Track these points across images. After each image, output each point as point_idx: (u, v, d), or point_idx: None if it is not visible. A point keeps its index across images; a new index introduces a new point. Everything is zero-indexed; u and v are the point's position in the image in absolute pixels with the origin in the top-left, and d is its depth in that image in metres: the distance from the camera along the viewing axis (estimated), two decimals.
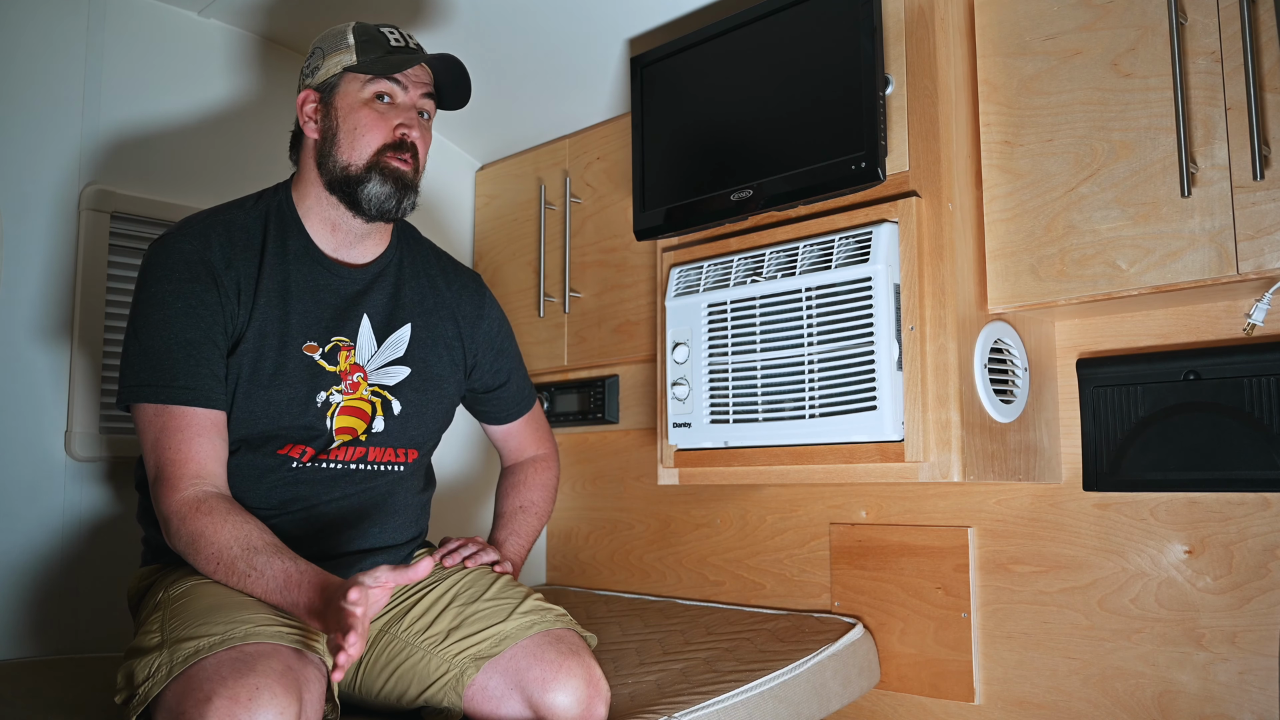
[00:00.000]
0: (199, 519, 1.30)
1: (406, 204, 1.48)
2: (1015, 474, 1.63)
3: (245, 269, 1.43)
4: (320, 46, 1.51)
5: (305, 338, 1.45)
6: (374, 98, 1.47)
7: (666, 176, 1.88)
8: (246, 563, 1.28)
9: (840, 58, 1.61)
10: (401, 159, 1.46)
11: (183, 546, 1.32)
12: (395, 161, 1.46)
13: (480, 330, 1.66)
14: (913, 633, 1.87)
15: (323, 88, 1.48)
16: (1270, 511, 1.52)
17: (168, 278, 1.39)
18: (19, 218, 1.86)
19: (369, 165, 1.45)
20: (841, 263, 1.58)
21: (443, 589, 1.47)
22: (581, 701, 1.34)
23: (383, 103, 1.47)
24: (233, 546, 1.29)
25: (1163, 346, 1.62)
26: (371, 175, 1.45)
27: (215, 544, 1.29)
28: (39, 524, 1.85)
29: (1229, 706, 1.53)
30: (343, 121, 1.46)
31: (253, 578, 1.27)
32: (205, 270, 1.40)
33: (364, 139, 1.45)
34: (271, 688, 1.11)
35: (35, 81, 1.89)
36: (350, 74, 1.47)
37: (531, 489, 1.74)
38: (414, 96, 1.49)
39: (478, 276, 1.72)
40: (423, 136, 1.50)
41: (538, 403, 1.81)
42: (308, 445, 1.43)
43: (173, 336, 1.37)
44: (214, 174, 2.11)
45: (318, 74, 1.49)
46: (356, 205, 1.46)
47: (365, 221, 1.49)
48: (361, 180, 1.45)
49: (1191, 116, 1.39)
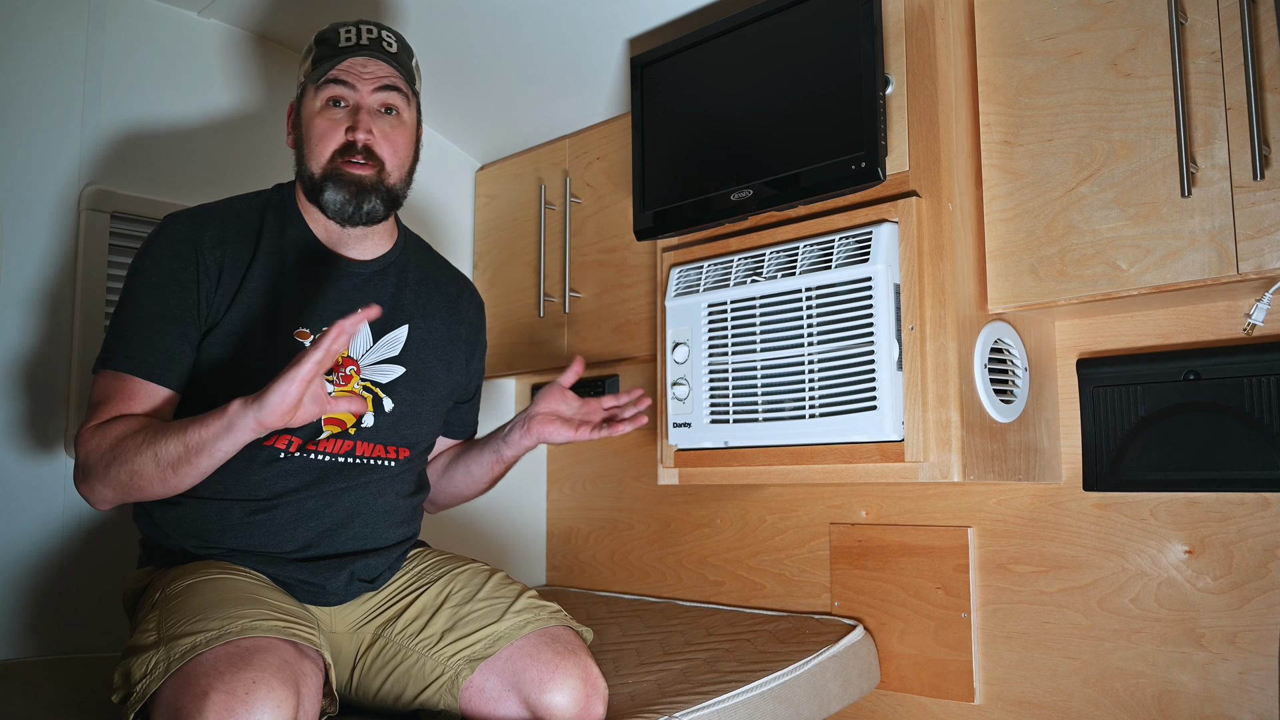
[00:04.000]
0: (91, 442, 1.32)
1: (369, 207, 1.46)
2: (1015, 474, 1.63)
3: (236, 253, 1.44)
4: (301, 59, 1.54)
5: (297, 324, 1.45)
6: (327, 104, 1.46)
7: (666, 176, 1.88)
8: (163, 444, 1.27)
9: (840, 58, 1.61)
10: (355, 162, 1.45)
11: (96, 462, 1.31)
12: (348, 167, 1.44)
13: (479, 342, 1.71)
14: (913, 633, 1.87)
15: (297, 99, 1.52)
16: (1270, 511, 1.52)
17: (148, 254, 1.43)
18: (19, 217, 1.86)
19: (325, 174, 1.45)
20: (841, 263, 1.58)
21: (436, 590, 1.47)
22: (579, 701, 1.33)
23: (337, 108, 1.46)
24: (141, 442, 1.28)
25: (1163, 346, 1.62)
26: (327, 184, 1.45)
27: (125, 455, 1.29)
28: (39, 524, 1.85)
29: (1229, 706, 1.53)
30: (305, 132, 1.48)
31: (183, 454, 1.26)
32: (189, 250, 1.41)
33: (319, 148, 1.45)
34: (268, 681, 1.11)
35: (35, 81, 1.89)
36: (309, 82, 1.48)
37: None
38: (366, 95, 1.46)
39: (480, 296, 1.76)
40: (385, 134, 1.47)
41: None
42: (294, 435, 1.43)
43: (136, 310, 1.40)
44: (214, 174, 2.11)
45: (297, 84, 1.53)
46: (325, 212, 1.47)
47: (343, 228, 1.50)
48: (321, 188, 1.45)
49: (1191, 116, 1.39)
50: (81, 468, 1.35)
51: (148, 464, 1.28)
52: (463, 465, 1.69)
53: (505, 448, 1.62)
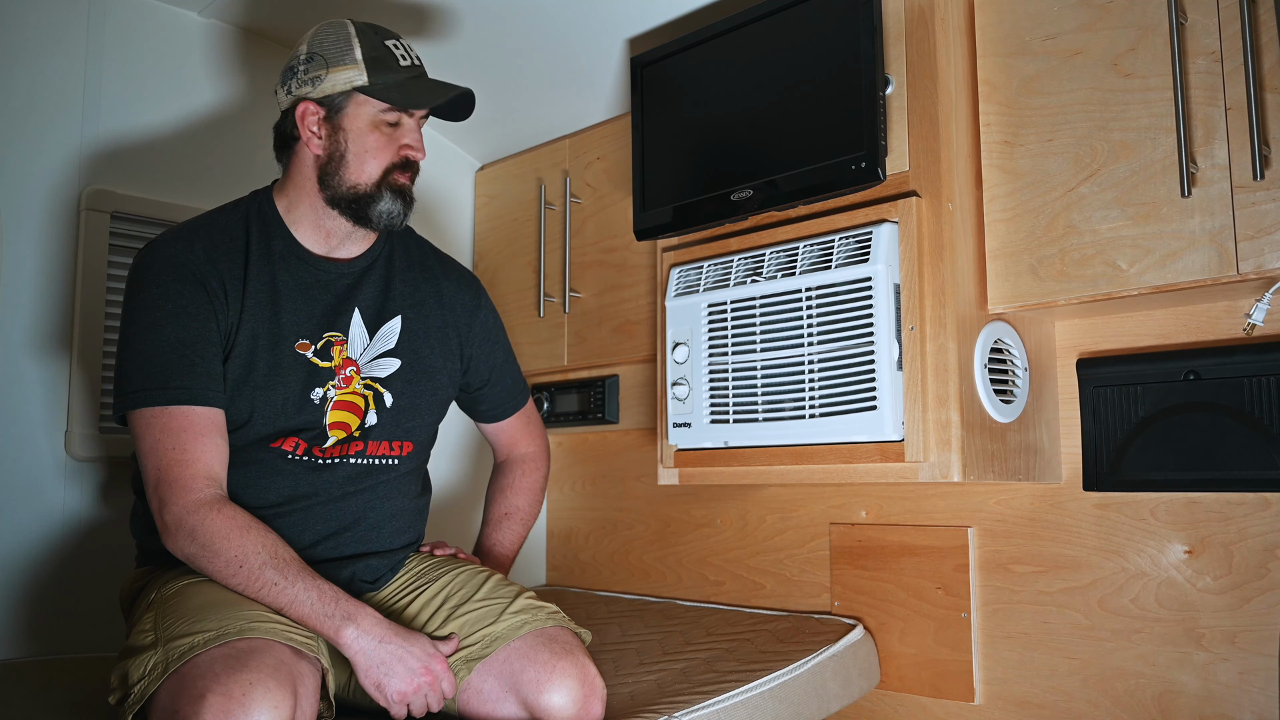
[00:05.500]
0: (216, 519, 1.29)
1: (409, 213, 1.51)
2: (1015, 474, 1.63)
3: (230, 272, 1.42)
4: (319, 54, 1.45)
5: (297, 336, 1.45)
6: (385, 122, 1.47)
7: (666, 176, 1.88)
8: (276, 570, 1.27)
9: (840, 58, 1.61)
10: (406, 176, 1.49)
11: (195, 549, 1.29)
12: (401, 179, 1.48)
13: (477, 322, 1.66)
14: (913, 633, 1.87)
15: (326, 103, 1.44)
16: (1270, 511, 1.52)
17: (155, 281, 1.38)
18: (19, 218, 1.86)
19: (378, 184, 1.46)
20: (841, 263, 1.58)
21: (434, 591, 1.47)
22: (577, 701, 1.33)
23: (391, 125, 1.48)
24: (260, 552, 1.28)
25: (1163, 346, 1.62)
26: (382, 193, 1.46)
27: (240, 548, 1.27)
28: (38, 523, 1.85)
29: (1229, 706, 1.53)
30: (352, 144, 1.45)
31: (281, 586, 1.27)
32: (191, 273, 1.39)
33: (373, 161, 1.46)
34: (265, 683, 1.11)
35: (35, 82, 1.89)
36: (361, 94, 1.44)
37: (518, 493, 1.75)
38: (418, 116, 1.51)
39: (475, 276, 1.73)
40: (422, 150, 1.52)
41: (530, 400, 1.81)
42: (301, 439, 1.43)
43: (165, 338, 1.35)
44: (214, 174, 2.11)
45: (319, 85, 1.43)
46: (364, 220, 1.47)
47: (367, 230, 1.51)
48: (372, 199, 1.46)
49: (1191, 116, 1.39)
50: (173, 532, 1.30)
51: (230, 566, 1.28)
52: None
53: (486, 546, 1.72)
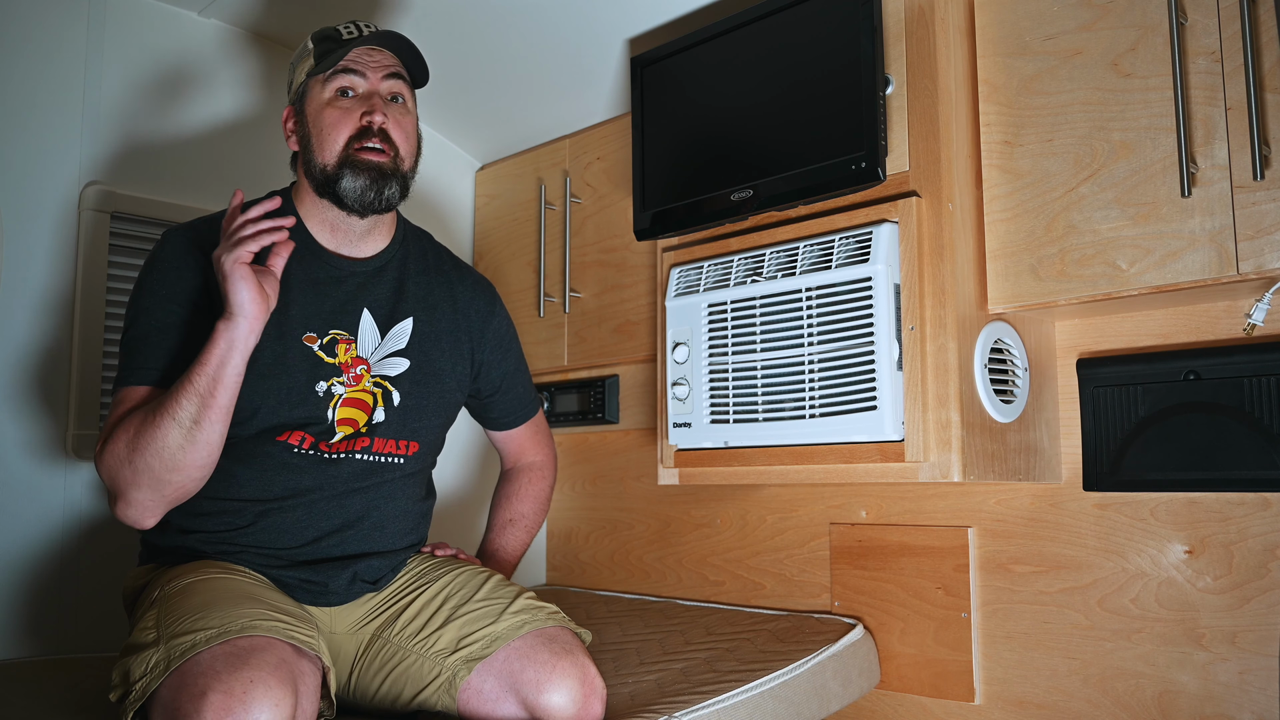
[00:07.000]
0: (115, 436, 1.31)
1: (389, 193, 1.46)
2: (1015, 474, 1.63)
3: None
4: (293, 62, 1.54)
5: (305, 329, 1.45)
6: (336, 95, 1.46)
7: (666, 176, 1.88)
8: (170, 398, 1.28)
9: (840, 58, 1.61)
10: (372, 148, 1.44)
11: (121, 465, 1.30)
12: (365, 153, 1.44)
13: (490, 329, 1.67)
14: (913, 633, 1.87)
15: (295, 99, 1.51)
16: (1270, 511, 1.52)
17: (155, 266, 1.43)
18: (20, 217, 1.86)
19: (340, 161, 1.44)
20: (841, 263, 1.58)
21: (434, 591, 1.47)
22: (577, 701, 1.33)
23: (346, 98, 1.46)
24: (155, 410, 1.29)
25: (1163, 346, 1.62)
26: (344, 171, 1.44)
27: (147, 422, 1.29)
28: (39, 523, 1.85)
29: (1229, 706, 1.53)
30: (313, 125, 1.47)
31: (186, 390, 1.27)
32: (194, 259, 1.42)
33: (331, 136, 1.44)
34: (266, 681, 1.11)
35: (35, 81, 1.89)
36: (313, 78, 1.48)
37: (524, 500, 1.76)
38: (376, 82, 1.47)
39: (490, 283, 1.74)
40: (397, 120, 1.48)
41: (541, 411, 1.82)
42: (307, 433, 1.43)
43: (149, 323, 1.39)
44: (215, 174, 2.11)
45: (291, 88, 1.53)
46: (342, 204, 1.46)
47: (360, 218, 1.49)
48: (337, 177, 1.44)
49: (1191, 116, 1.39)
50: (109, 480, 1.32)
51: (171, 433, 1.27)
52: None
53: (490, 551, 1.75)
